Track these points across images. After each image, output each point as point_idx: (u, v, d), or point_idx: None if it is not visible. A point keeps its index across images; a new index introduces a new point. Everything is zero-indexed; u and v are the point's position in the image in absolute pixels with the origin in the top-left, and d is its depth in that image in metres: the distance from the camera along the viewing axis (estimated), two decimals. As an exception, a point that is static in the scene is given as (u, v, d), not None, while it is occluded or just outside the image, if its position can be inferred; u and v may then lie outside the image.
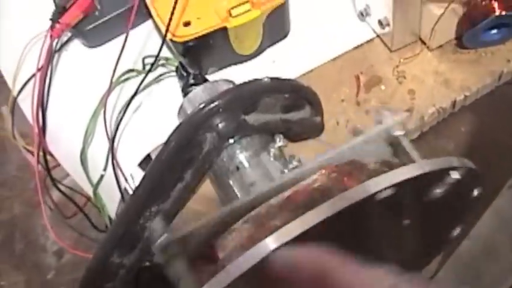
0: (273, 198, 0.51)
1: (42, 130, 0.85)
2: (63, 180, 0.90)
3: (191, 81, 0.72)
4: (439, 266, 1.38)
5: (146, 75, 0.79)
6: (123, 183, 0.77)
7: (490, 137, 1.73)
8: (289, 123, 0.67)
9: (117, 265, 0.64)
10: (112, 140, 0.78)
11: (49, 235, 1.93)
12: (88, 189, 0.82)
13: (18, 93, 0.87)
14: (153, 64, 0.80)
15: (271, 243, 0.41)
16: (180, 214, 0.65)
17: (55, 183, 0.87)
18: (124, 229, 0.62)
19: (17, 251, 1.96)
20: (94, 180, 0.80)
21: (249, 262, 0.41)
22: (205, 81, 0.73)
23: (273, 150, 0.64)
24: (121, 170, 0.77)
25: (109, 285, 0.65)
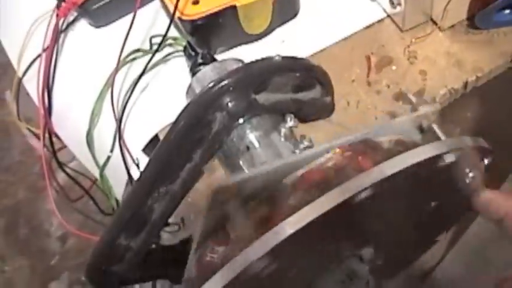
0: (286, 177, 0.50)
1: (48, 111, 0.84)
2: (69, 163, 0.90)
3: (199, 60, 0.71)
4: (447, 251, 1.38)
5: (153, 55, 0.78)
6: (130, 164, 0.77)
7: (496, 122, 1.73)
8: (299, 103, 0.66)
9: (125, 248, 0.63)
10: (119, 120, 0.77)
11: (53, 220, 1.93)
12: (94, 171, 0.82)
13: (24, 74, 0.86)
14: (160, 44, 0.79)
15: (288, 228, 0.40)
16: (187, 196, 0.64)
17: (61, 165, 0.86)
18: (132, 211, 0.61)
19: (21, 237, 1.97)
20: (100, 162, 0.79)
21: (265, 247, 0.40)
22: (214, 60, 0.72)
23: (284, 130, 0.63)
24: (128, 151, 0.76)
25: (116, 268, 0.65)
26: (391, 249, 0.58)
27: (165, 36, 0.77)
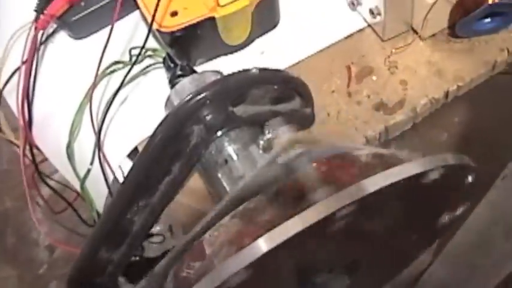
0: (261, 193, 0.49)
1: (29, 124, 0.83)
2: (54, 174, 0.89)
3: (178, 72, 0.71)
4: (433, 257, 1.38)
5: (132, 66, 0.78)
6: (110, 177, 0.76)
7: (483, 127, 1.73)
8: (278, 115, 0.66)
9: (106, 260, 0.63)
10: (98, 133, 0.77)
11: (41, 229, 1.92)
12: (76, 183, 0.81)
13: (4, 86, 0.85)
14: (138, 55, 0.78)
15: (263, 245, 0.40)
16: (168, 208, 0.64)
17: (43, 178, 0.86)
18: (111, 224, 0.61)
19: (8, 246, 1.96)
20: (81, 175, 0.79)
21: (241, 264, 0.39)
22: (193, 72, 0.71)
23: (262, 142, 0.63)
24: (108, 163, 0.76)
25: (97, 281, 0.64)
26: (373, 265, 0.58)
27: (143, 48, 0.77)
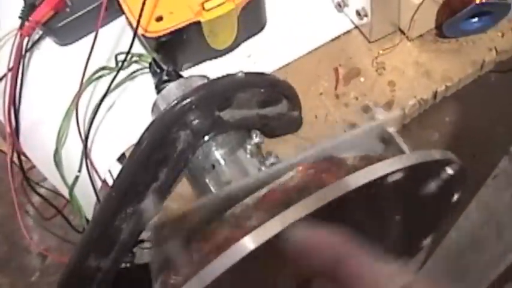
0: (248, 198, 0.49)
1: (15, 131, 0.83)
2: (43, 182, 0.89)
3: (165, 77, 0.71)
4: (427, 256, 1.38)
5: (118, 72, 0.77)
6: (98, 183, 0.76)
7: (474, 126, 1.73)
8: (266, 119, 0.66)
9: (94, 268, 0.63)
10: (85, 140, 0.76)
11: (33, 237, 1.92)
12: (64, 191, 0.81)
13: (-10, 94, 0.85)
14: (124, 61, 0.78)
15: (250, 244, 0.39)
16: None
17: (32, 185, 0.85)
18: (99, 232, 0.60)
19: (0, 253, 1.95)
20: (69, 182, 0.78)
21: (227, 263, 0.39)
22: (180, 77, 0.71)
23: (250, 147, 0.62)
24: (96, 170, 0.76)
25: (87, 290, 0.64)
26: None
27: (128, 53, 0.76)
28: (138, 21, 0.72)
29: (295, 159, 0.51)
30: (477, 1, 0.74)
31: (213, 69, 0.80)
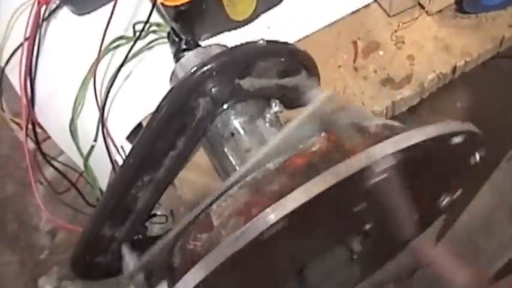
0: (269, 163, 0.49)
1: (31, 101, 0.82)
2: (58, 157, 0.89)
3: (183, 46, 0.70)
4: (437, 240, 1.37)
5: (135, 42, 0.77)
6: (114, 153, 0.75)
7: (485, 112, 1.72)
8: (285, 89, 0.65)
9: (109, 238, 0.62)
10: (102, 109, 0.76)
11: (42, 215, 1.92)
12: (79, 161, 0.80)
13: (6, 64, 0.84)
14: (142, 30, 0.77)
15: (271, 217, 0.39)
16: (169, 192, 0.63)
17: (46, 157, 0.85)
18: (115, 200, 0.60)
19: (10, 232, 1.96)
20: (85, 152, 0.78)
21: (247, 237, 0.39)
22: (198, 46, 0.70)
23: (269, 116, 0.62)
24: (112, 140, 0.75)
25: (100, 259, 0.64)
26: (384, 235, 0.58)
27: (146, 22, 0.76)
28: (157, -10, 0.72)
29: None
30: (498, -23, 0.73)
31: (232, 40, 0.78)
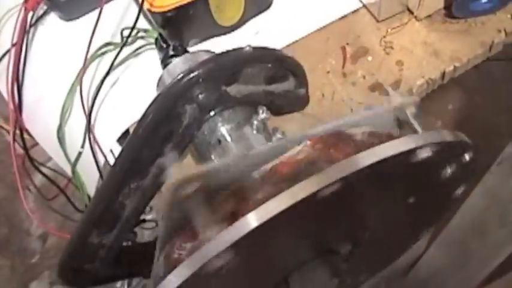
0: (255, 171, 0.48)
1: (19, 107, 0.82)
2: (47, 162, 0.88)
3: (171, 52, 0.70)
4: (429, 242, 1.38)
5: (121, 47, 0.76)
6: (101, 160, 0.75)
7: (477, 115, 1.73)
8: (272, 96, 0.65)
9: (97, 245, 0.62)
10: (89, 115, 0.75)
11: (33, 219, 1.91)
12: (67, 167, 0.80)
13: (-7, 70, 0.84)
14: (128, 36, 0.77)
15: (253, 221, 0.39)
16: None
17: (34, 163, 0.85)
18: (102, 207, 0.60)
19: (0, 236, 1.95)
20: (72, 158, 0.78)
21: (228, 241, 0.39)
22: (186, 52, 0.70)
23: (256, 122, 0.61)
24: (99, 146, 0.75)
25: (88, 266, 0.63)
26: (371, 247, 0.57)
27: (133, 28, 0.75)
28: (144, -4, 0.72)
29: (304, 134, 0.50)
30: (487, -19, 0.73)
31: (220, 46, 0.78)
